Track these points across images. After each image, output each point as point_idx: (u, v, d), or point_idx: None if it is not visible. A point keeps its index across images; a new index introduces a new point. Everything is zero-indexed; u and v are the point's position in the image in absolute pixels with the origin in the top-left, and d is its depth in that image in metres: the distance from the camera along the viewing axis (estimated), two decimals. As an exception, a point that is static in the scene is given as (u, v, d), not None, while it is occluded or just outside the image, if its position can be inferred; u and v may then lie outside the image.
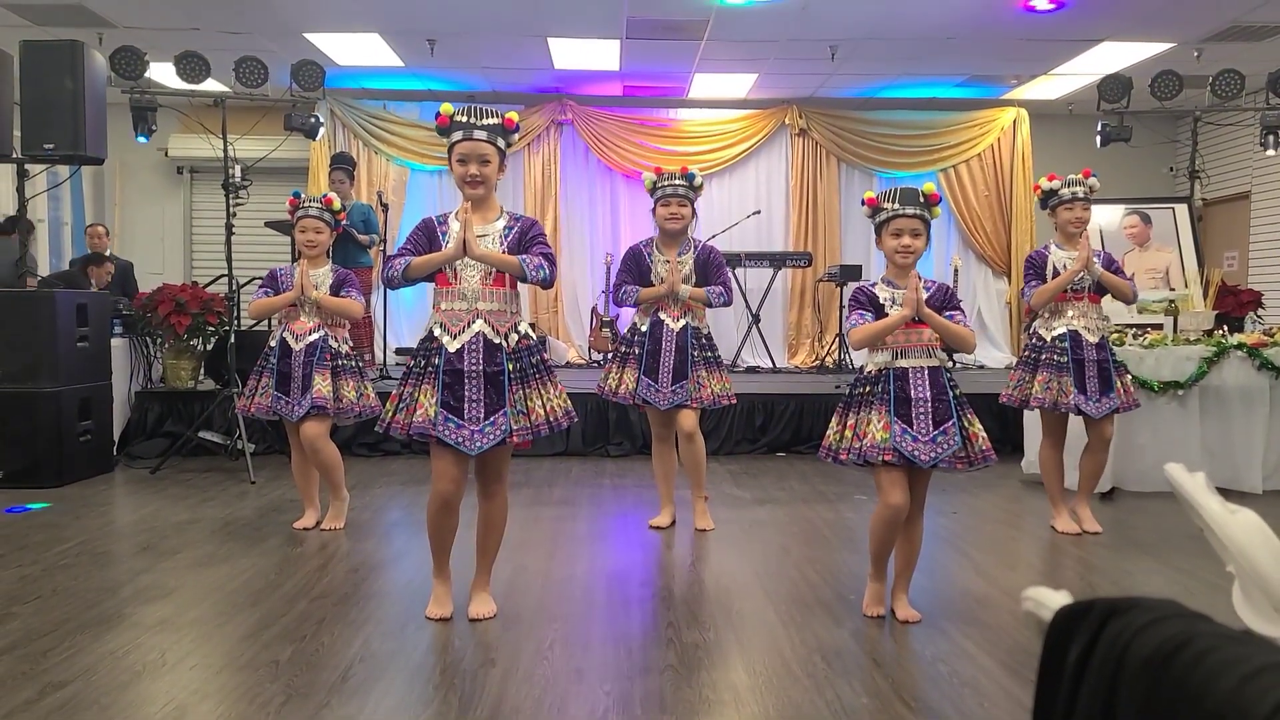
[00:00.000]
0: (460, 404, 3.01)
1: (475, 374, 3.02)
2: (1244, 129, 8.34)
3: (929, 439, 3.06)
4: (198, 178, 10.00)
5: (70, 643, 2.94)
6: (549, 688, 2.65)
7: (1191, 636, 0.58)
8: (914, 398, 3.08)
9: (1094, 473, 4.50)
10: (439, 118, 3.09)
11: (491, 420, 3.02)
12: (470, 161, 3.07)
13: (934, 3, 6.76)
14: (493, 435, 3.01)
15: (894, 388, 3.10)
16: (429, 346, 3.08)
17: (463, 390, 3.01)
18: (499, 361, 3.04)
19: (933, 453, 3.06)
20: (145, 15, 7.05)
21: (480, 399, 3.02)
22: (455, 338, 3.04)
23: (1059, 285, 4.33)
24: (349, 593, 3.49)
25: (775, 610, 3.32)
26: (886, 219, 3.16)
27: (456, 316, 3.06)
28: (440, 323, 3.08)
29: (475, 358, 3.03)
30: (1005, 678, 2.75)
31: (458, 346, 3.03)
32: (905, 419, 3.08)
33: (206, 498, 5.16)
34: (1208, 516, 1.10)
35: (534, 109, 9.45)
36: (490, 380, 3.03)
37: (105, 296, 6.33)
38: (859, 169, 9.83)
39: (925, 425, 3.07)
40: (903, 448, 3.05)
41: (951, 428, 3.08)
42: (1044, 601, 0.76)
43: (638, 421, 6.45)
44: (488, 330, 3.05)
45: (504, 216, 3.17)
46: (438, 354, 3.05)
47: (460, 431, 3.00)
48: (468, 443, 3.00)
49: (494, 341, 3.05)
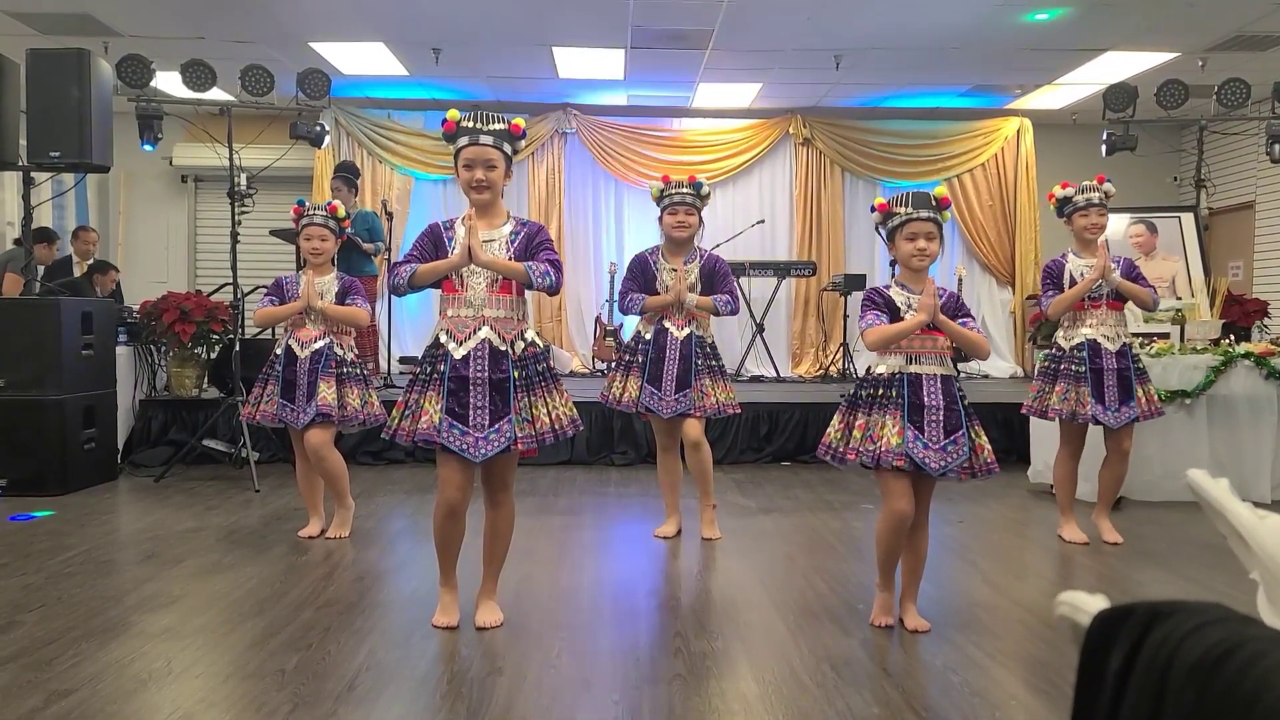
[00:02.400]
0: (465, 411, 3.00)
1: (481, 381, 3.01)
2: (1249, 138, 8.34)
3: (939, 447, 3.05)
4: (202, 186, 10.01)
5: (75, 651, 2.92)
6: (557, 697, 2.63)
7: (1241, 641, 0.56)
8: (927, 404, 3.06)
9: (1113, 484, 4.46)
10: (445, 123, 3.08)
11: (496, 428, 3.01)
12: (476, 166, 3.06)
13: (938, 13, 6.76)
14: (497, 442, 3.00)
15: (908, 393, 3.08)
16: (435, 353, 3.07)
17: (468, 397, 3.00)
18: (505, 369, 3.03)
19: (942, 461, 3.04)
20: (151, 24, 7.06)
21: (485, 406, 3.01)
22: (461, 344, 3.03)
23: (1076, 294, 4.28)
24: (354, 601, 3.47)
25: (783, 619, 3.30)
26: (901, 223, 3.14)
27: (463, 323, 3.05)
28: (446, 329, 3.07)
29: (481, 365, 3.02)
30: (1017, 687, 2.72)
31: (464, 353, 3.02)
32: (918, 425, 3.06)
33: (211, 506, 5.15)
34: (1236, 522, 1.08)
35: (539, 118, 9.45)
36: (495, 387, 3.02)
37: (111, 305, 6.32)
38: (863, 178, 9.82)
39: (937, 433, 3.06)
40: (914, 454, 3.03)
41: (961, 437, 3.07)
42: (1081, 606, 0.74)
43: (642, 430, 6.43)
44: (494, 337, 3.04)
45: (510, 222, 3.16)
46: (443, 361, 3.04)
47: (465, 439, 2.99)
48: (472, 449, 2.99)
49: (500, 349, 3.04)
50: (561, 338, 9.56)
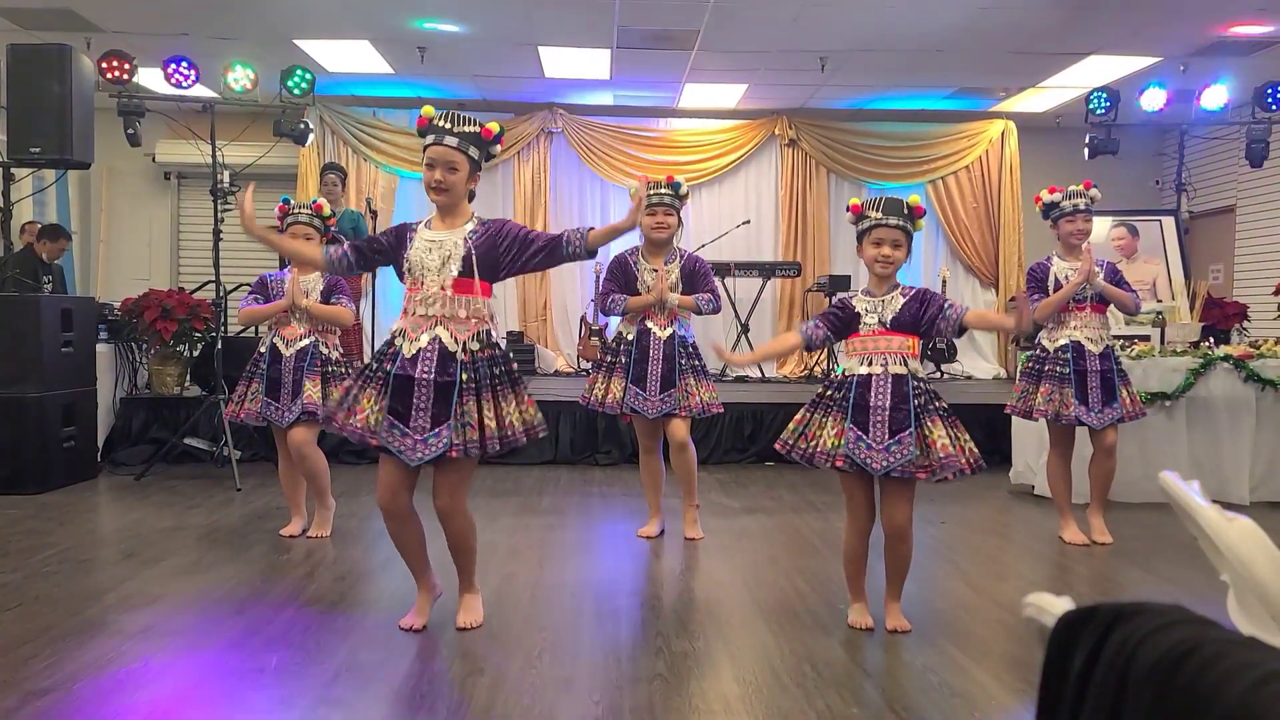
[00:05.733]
0: (408, 411, 2.94)
1: (426, 382, 2.94)
2: (1230, 143, 8.40)
3: (883, 447, 3.04)
4: (185, 183, 9.94)
5: (52, 650, 2.90)
6: (538, 697, 2.63)
7: (1200, 642, 0.57)
8: (873, 405, 3.06)
9: (1103, 481, 4.48)
10: (420, 119, 3.05)
11: (436, 431, 2.93)
12: (437, 167, 2.99)
13: (924, 15, 6.79)
14: (435, 446, 2.92)
15: (855, 395, 3.10)
16: (385, 350, 3.04)
17: (411, 398, 2.94)
18: (451, 372, 2.94)
19: (885, 461, 3.03)
20: (134, 20, 7.01)
21: (428, 408, 2.94)
22: (412, 343, 2.98)
23: (1062, 298, 4.31)
24: (335, 601, 3.46)
25: (765, 619, 3.31)
26: (869, 227, 3.16)
27: (416, 322, 3.00)
28: (402, 329, 3.03)
29: (429, 365, 2.95)
30: (996, 688, 2.74)
31: (413, 352, 2.97)
32: (862, 426, 3.06)
33: (192, 505, 5.12)
34: (1204, 524, 1.09)
35: (524, 117, 9.44)
36: (440, 390, 2.94)
37: (91, 302, 6.28)
38: (848, 180, 9.85)
39: (881, 433, 3.05)
40: (855, 454, 3.05)
41: (907, 436, 3.02)
42: (1046, 607, 0.75)
43: (626, 430, 6.43)
44: (445, 337, 2.97)
45: (472, 221, 3.08)
46: (392, 359, 2.99)
47: (404, 440, 2.92)
48: (409, 452, 2.92)
49: (449, 350, 2.96)
50: (546, 337, 9.55)
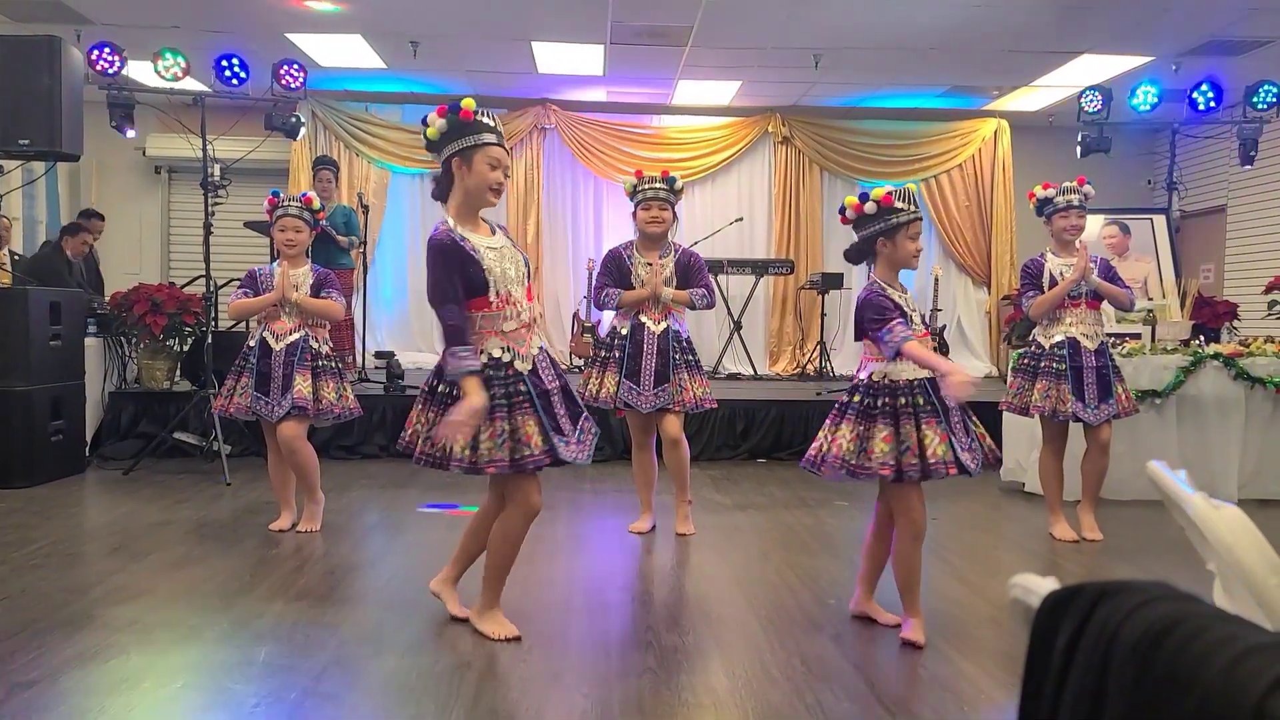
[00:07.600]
0: (557, 421, 2.93)
1: (556, 389, 2.99)
2: (1221, 142, 8.42)
3: (967, 447, 2.98)
4: (176, 177, 9.91)
5: (39, 643, 2.88)
6: (526, 690, 2.62)
7: (1181, 618, 0.57)
8: (950, 407, 2.96)
9: (1095, 478, 4.48)
10: (463, 111, 2.86)
11: (579, 428, 3.00)
12: (500, 168, 2.92)
13: (917, 14, 6.80)
14: (589, 443, 3.00)
15: (935, 399, 2.94)
16: (504, 375, 2.86)
17: (553, 408, 2.95)
18: (558, 371, 3.05)
19: (975, 461, 2.98)
20: (124, 13, 6.98)
21: (565, 412, 2.98)
22: (525, 359, 2.93)
23: (1058, 294, 4.31)
24: (324, 595, 3.45)
25: (755, 615, 3.31)
26: (907, 220, 3.00)
27: (519, 337, 2.93)
28: (506, 346, 2.89)
29: (550, 373, 2.99)
30: (986, 682, 2.74)
31: (530, 366, 2.93)
32: (950, 429, 2.96)
33: (180, 499, 5.09)
34: (1191, 512, 1.09)
35: (517, 113, 9.43)
36: (565, 390, 3.02)
37: (80, 295, 6.24)
38: (841, 177, 9.86)
39: (963, 434, 2.99)
40: (962, 460, 2.92)
41: (971, 432, 3.05)
42: (1032, 588, 0.75)
43: (618, 426, 6.43)
44: (536, 343, 3.02)
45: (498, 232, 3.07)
46: (518, 379, 2.88)
47: (568, 449, 2.92)
48: (580, 456, 2.95)
49: (549, 355, 3.07)
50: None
